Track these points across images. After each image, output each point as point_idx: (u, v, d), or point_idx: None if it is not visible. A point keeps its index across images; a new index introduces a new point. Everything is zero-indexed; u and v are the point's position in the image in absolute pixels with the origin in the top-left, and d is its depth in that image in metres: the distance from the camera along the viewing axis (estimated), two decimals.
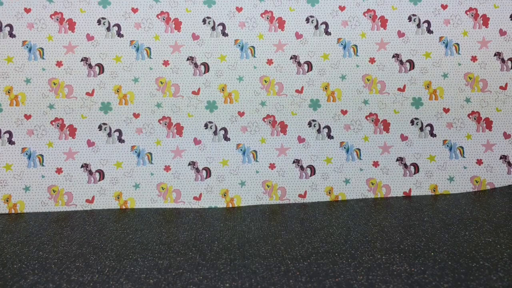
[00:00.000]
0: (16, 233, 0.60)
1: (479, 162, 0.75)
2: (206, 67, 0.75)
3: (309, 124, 0.75)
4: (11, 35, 0.73)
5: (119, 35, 0.75)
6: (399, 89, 0.76)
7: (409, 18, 0.77)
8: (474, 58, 0.76)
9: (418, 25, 0.77)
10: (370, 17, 0.77)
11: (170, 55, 0.75)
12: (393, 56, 0.76)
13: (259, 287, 0.41)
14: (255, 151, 0.74)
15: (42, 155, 0.72)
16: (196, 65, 0.75)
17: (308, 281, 0.42)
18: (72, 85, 0.73)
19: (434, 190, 0.74)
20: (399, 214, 0.63)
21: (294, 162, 0.74)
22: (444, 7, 0.77)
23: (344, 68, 0.76)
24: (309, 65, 0.76)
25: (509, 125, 0.75)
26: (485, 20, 0.77)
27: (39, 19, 0.74)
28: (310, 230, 0.57)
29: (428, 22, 0.77)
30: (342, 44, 0.76)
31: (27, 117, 0.73)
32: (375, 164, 0.74)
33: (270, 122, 0.75)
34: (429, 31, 0.77)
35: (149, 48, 0.75)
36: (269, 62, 0.75)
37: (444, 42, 0.76)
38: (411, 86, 0.76)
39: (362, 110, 0.75)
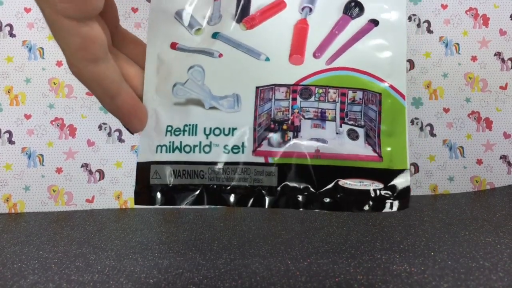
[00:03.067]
0: (16, 233, 0.60)
1: (479, 162, 0.75)
2: None
3: None
4: (11, 34, 0.73)
5: None
6: None
7: (409, 18, 0.77)
8: (474, 58, 0.76)
9: (418, 25, 0.77)
10: None
11: None
12: None
13: (259, 287, 0.41)
14: None
15: (42, 155, 0.72)
16: None
17: (308, 281, 0.42)
18: (72, 84, 0.73)
19: (434, 190, 0.74)
20: (399, 214, 0.63)
21: None
22: (444, 7, 0.77)
23: None
24: None
25: (509, 125, 0.75)
26: (485, 20, 0.76)
27: (39, 18, 0.74)
28: (310, 230, 0.57)
29: (428, 22, 0.77)
30: None
31: (27, 116, 0.73)
32: None
33: None
34: (429, 31, 0.76)
35: None
36: None
37: (444, 42, 0.76)
38: (411, 86, 0.76)
39: None
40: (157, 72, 0.49)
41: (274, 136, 0.47)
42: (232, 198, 0.47)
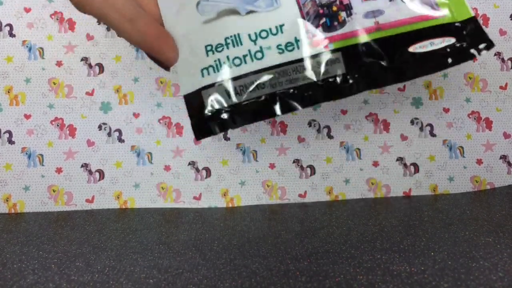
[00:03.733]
0: (16, 233, 0.60)
1: (479, 162, 0.75)
2: None
3: (309, 124, 0.75)
4: (11, 34, 0.73)
5: None
6: (399, 89, 0.76)
7: None
8: (474, 58, 0.76)
9: None
10: None
11: None
12: None
13: (259, 287, 0.41)
14: (255, 151, 0.74)
15: (42, 155, 0.72)
16: None
17: (308, 281, 0.42)
18: (72, 84, 0.73)
19: (434, 190, 0.74)
20: (399, 214, 0.63)
21: (294, 162, 0.74)
22: None
23: None
24: None
25: (509, 125, 0.75)
26: (485, 20, 0.76)
27: (39, 18, 0.74)
28: (310, 230, 0.57)
29: None
30: None
31: (27, 116, 0.73)
32: (375, 164, 0.74)
33: (270, 122, 0.75)
34: None
35: None
36: None
37: None
38: (411, 86, 0.76)
39: (362, 110, 0.75)
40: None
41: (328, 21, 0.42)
42: (301, 99, 0.42)
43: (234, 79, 0.42)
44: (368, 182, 0.74)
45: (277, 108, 0.42)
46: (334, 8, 0.43)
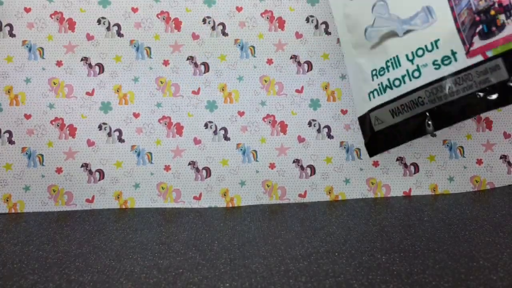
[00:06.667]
0: (16, 233, 0.60)
1: (479, 162, 0.75)
2: (206, 66, 0.75)
3: (309, 123, 0.75)
4: (11, 34, 0.73)
5: (119, 34, 0.75)
6: None
7: None
8: None
9: None
10: None
11: (170, 55, 0.75)
12: None
13: (259, 287, 0.41)
14: (255, 151, 0.74)
15: (42, 155, 0.72)
16: (196, 64, 0.75)
17: (308, 281, 0.42)
18: (72, 84, 0.73)
19: (434, 190, 0.74)
20: (399, 214, 0.63)
21: (294, 161, 0.74)
22: None
23: (344, 67, 0.76)
24: (309, 65, 0.76)
25: (509, 125, 0.75)
26: None
27: (39, 18, 0.74)
28: (310, 230, 0.57)
29: None
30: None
31: (27, 116, 0.73)
32: (375, 163, 0.74)
33: (270, 122, 0.75)
34: None
35: (149, 48, 0.75)
36: (269, 61, 0.75)
37: None
38: None
39: None
40: (348, 29, 0.49)
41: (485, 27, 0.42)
42: (461, 112, 0.43)
43: (395, 99, 0.46)
44: (368, 182, 0.74)
45: (435, 123, 0.45)
46: (492, 12, 0.42)
